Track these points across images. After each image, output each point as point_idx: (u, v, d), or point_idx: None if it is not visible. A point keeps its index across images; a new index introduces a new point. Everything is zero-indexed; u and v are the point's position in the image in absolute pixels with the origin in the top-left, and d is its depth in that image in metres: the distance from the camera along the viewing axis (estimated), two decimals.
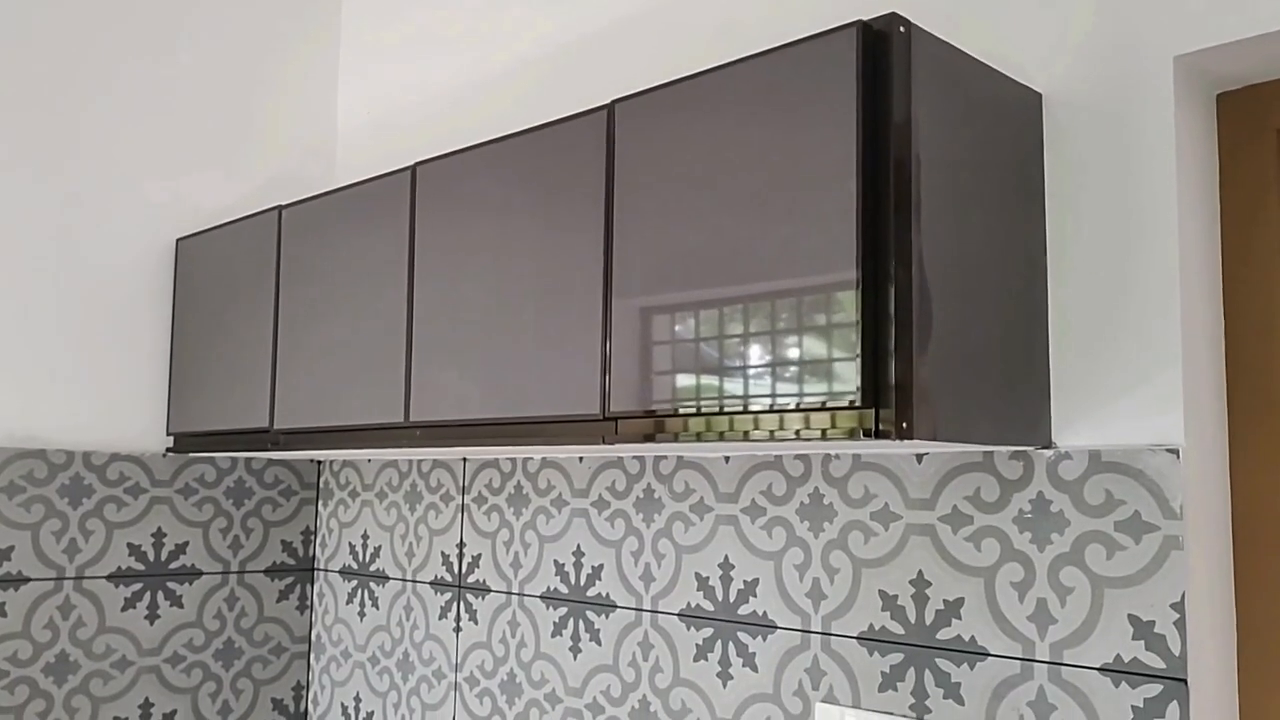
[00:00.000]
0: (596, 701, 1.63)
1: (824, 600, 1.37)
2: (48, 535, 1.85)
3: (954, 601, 1.25)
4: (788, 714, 1.40)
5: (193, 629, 2.01)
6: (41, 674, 1.83)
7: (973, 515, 1.25)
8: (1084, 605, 1.15)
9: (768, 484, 1.45)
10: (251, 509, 2.10)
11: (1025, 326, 1.19)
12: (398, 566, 2.01)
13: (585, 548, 1.68)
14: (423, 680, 1.93)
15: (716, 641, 1.49)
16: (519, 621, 1.77)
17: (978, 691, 1.22)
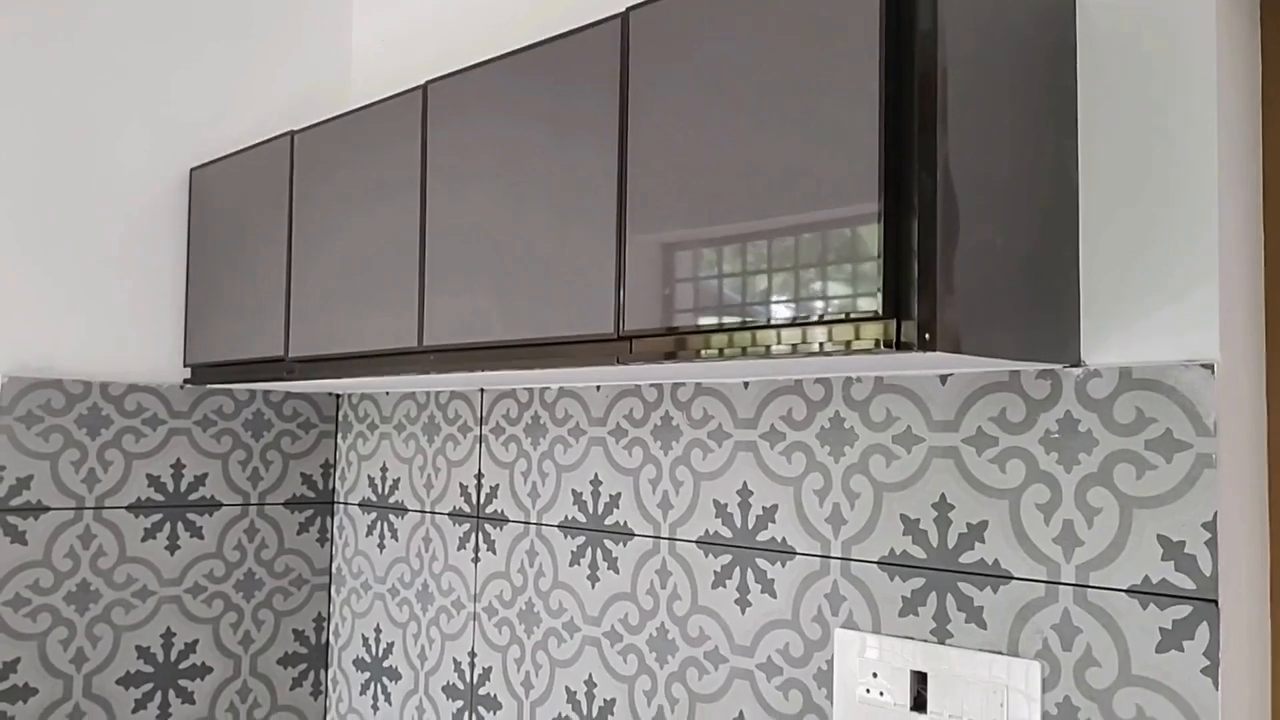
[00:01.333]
0: (615, 629, 1.62)
1: (844, 525, 1.35)
2: (66, 465, 1.85)
3: (977, 525, 1.22)
4: (806, 640, 1.38)
5: (213, 560, 2.02)
6: (63, 602, 1.84)
7: (998, 436, 1.21)
8: (1112, 526, 1.12)
9: (787, 409, 1.42)
10: (270, 442, 2.09)
11: (1055, 240, 1.14)
12: (416, 498, 2.00)
13: (603, 476, 1.66)
14: (442, 610, 1.93)
15: (735, 568, 1.47)
16: (537, 551, 1.76)
17: (1000, 615, 1.20)
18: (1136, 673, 1.09)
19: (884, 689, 1.29)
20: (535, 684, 1.74)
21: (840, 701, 1.33)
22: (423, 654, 1.96)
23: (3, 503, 1.79)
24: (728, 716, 1.46)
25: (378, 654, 2.05)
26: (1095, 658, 1.12)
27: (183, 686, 1.97)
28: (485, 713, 1.82)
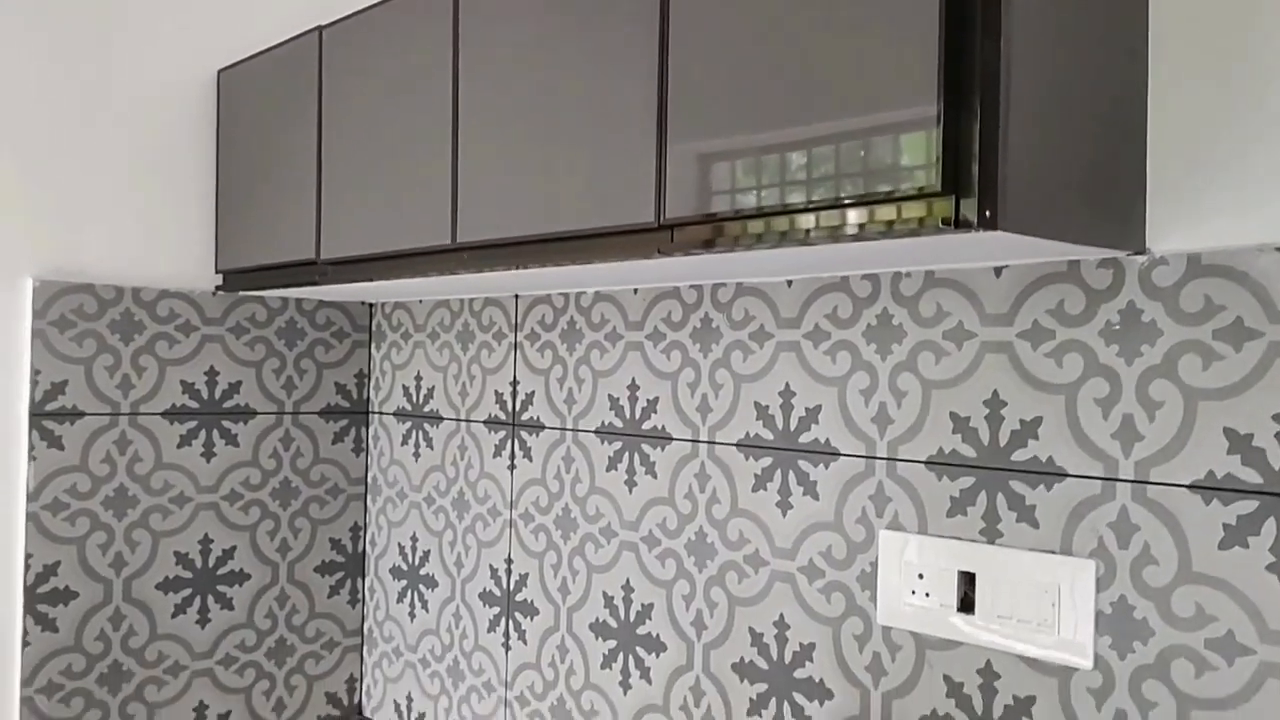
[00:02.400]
0: (652, 534, 1.60)
1: (890, 425, 1.31)
2: (100, 370, 1.84)
3: (1031, 421, 1.18)
4: (850, 542, 1.35)
5: (249, 468, 2.01)
6: (101, 507, 1.85)
7: (1054, 329, 1.16)
8: (1174, 420, 1.07)
9: (832, 307, 1.37)
10: (304, 350, 2.07)
11: (1121, 118, 1.08)
12: (451, 407, 1.98)
13: (640, 381, 1.62)
14: (478, 518, 1.91)
15: (776, 471, 1.43)
16: (573, 457, 1.73)
17: (1054, 514, 1.16)
18: (1197, 570, 1.05)
19: (930, 590, 1.26)
20: (572, 589, 1.73)
21: (884, 603, 1.30)
22: (459, 561, 1.95)
23: (38, 408, 1.78)
24: (768, 620, 1.44)
25: (414, 562, 2.05)
26: (1153, 556, 1.08)
27: (221, 592, 1.98)
28: (522, 618, 1.82)
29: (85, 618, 1.83)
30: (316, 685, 2.11)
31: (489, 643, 1.88)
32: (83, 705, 1.83)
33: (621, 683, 1.64)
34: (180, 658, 1.93)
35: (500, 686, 1.86)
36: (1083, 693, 1.13)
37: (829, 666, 1.37)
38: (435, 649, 2.00)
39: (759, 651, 1.45)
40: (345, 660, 2.15)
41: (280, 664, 2.06)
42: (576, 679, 1.71)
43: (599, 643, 1.68)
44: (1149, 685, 1.08)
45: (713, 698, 1.51)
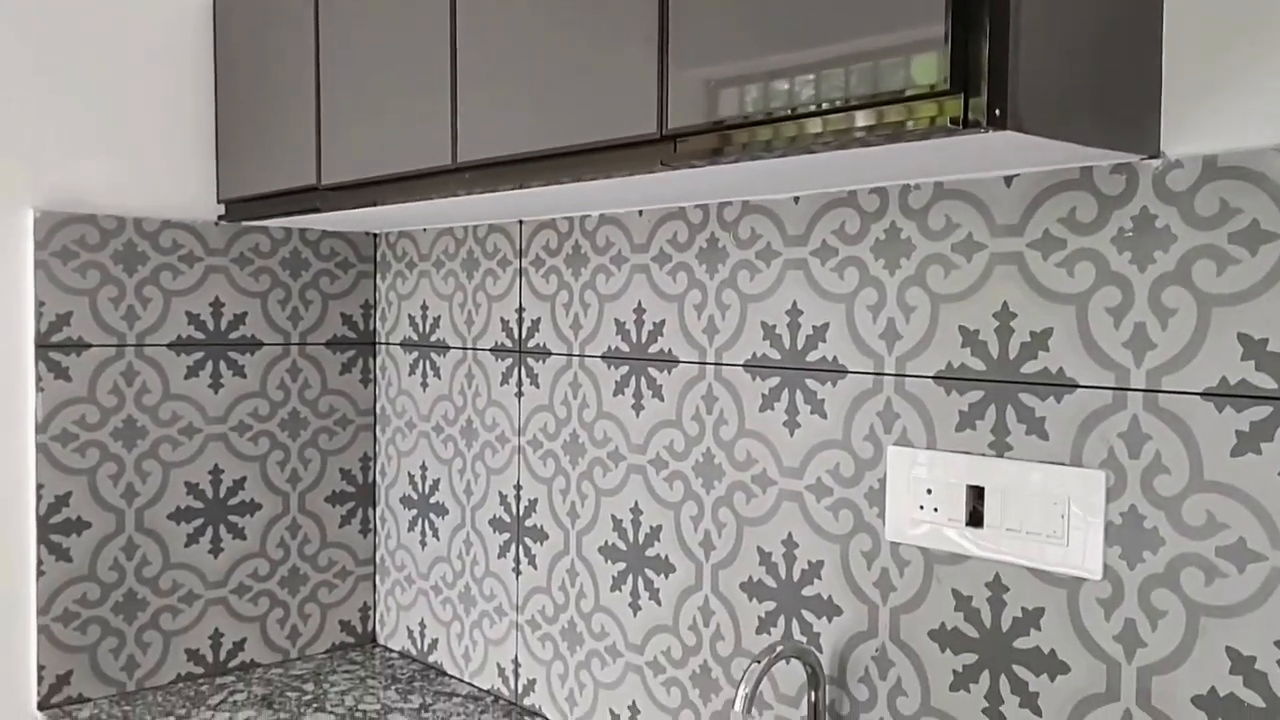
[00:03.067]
0: (660, 457, 1.59)
1: (899, 341, 1.29)
2: (105, 302, 1.83)
3: (1041, 333, 1.16)
4: (858, 459, 1.34)
5: (257, 399, 2.01)
6: (110, 438, 1.85)
7: (1066, 238, 1.14)
8: (1188, 327, 1.05)
9: (840, 222, 1.35)
10: (309, 281, 2.06)
11: (1135, 19, 1.05)
12: (458, 335, 1.97)
13: (646, 304, 1.61)
14: (486, 446, 1.91)
15: (783, 390, 1.42)
16: (580, 383, 1.72)
17: (1064, 425, 1.15)
18: (1209, 478, 1.04)
19: (938, 505, 1.25)
20: (581, 514, 1.73)
21: (892, 520, 1.30)
22: (468, 489, 1.96)
23: (44, 339, 1.78)
24: (776, 539, 1.44)
25: (424, 491, 2.06)
26: (1164, 464, 1.07)
27: (233, 522, 1.99)
28: (532, 544, 1.82)
29: (98, 547, 1.84)
30: (330, 613, 2.13)
31: (499, 568, 1.89)
32: (99, 633, 1.85)
33: (631, 604, 1.65)
34: (194, 586, 1.95)
35: (511, 611, 1.87)
36: (1092, 603, 1.12)
37: (837, 583, 1.37)
38: (447, 576, 2.01)
39: (767, 570, 1.45)
40: (358, 589, 2.17)
41: (293, 593, 2.07)
42: (587, 602, 1.72)
43: (608, 565, 1.69)
44: (1158, 594, 1.08)
45: (721, 617, 1.51)
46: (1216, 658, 1.04)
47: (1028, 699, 1.18)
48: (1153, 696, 1.08)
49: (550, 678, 1.79)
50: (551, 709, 1.79)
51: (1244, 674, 1.02)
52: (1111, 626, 1.11)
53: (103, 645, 1.85)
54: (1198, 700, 1.05)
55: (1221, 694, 1.03)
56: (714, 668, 1.53)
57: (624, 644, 1.66)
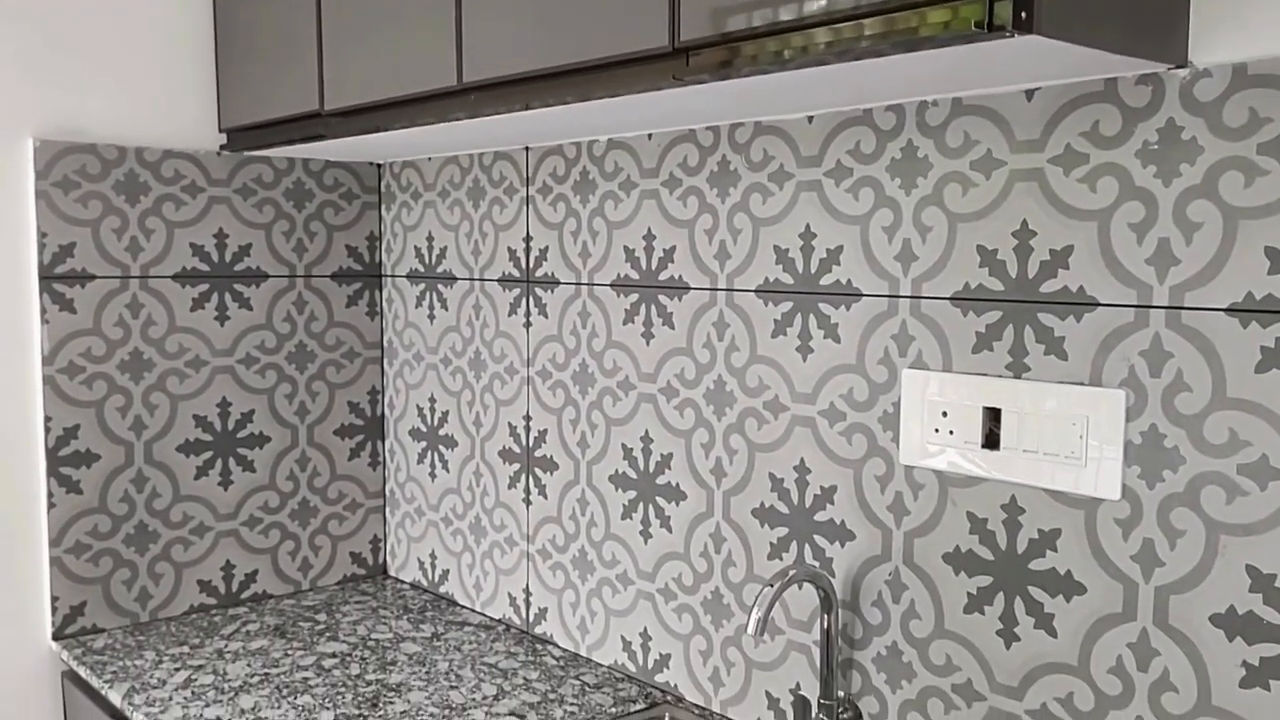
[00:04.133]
0: (671, 385, 1.58)
1: (914, 262, 1.27)
2: (108, 233, 1.81)
3: (1061, 251, 1.14)
4: (872, 384, 1.32)
5: (263, 331, 2.00)
6: (117, 370, 1.84)
7: (1088, 153, 1.11)
8: (1213, 241, 1.03)
9: (855, 141, 1.32)
10: (313, 212, 2.04)
11: None
12: (464, 266, 1.95)
13: (656, 230, 1.58)
14: (495, 377, 1.90)
15: (796, 315, 1.40)
16: (589, 312, 1.70)
17: (1083, 344, 1.13)
18: (1232, 395, 1.02)
19: (954, 428, 1.24)
20: (591, 443, 1.72)
21: (907, 443, 1.29)
22: (478, 420, 1.95)
23: (47, 270, 1.76)
24: (788, 465, 1.43)
25: (433, 423, 2.05)
26: (1186, 382, 1.05)
27: (242, 455, 1.99)
28: (542, 474, 1.82)
29: (108, 480, 1.84)
30: (341, 545, 2.13)
31: (510, 499, 1.89)
32: (111, 565, 1.85)
33: (642, 532, 1.64)
34: (205, 519, 1.95)
35: (522, 541, 1.87)
36: (1109, 524, 1.11)
37: (850, 508, 1.36)
38: (457, 507, 2.01)
39: (779, 496, 1.44)
40: (368, 521, 2.17)
41: (304, 525, 2.08)
42: (597, 530, 1.72)
43: (619, 494, 1.68)
44: (1178, 513, 1.06)
45: (733, 543, 1.51)
46: (1236, 576, 1.03)
47: (1042, 620, 1.17)
48: (1170, 616, 1.07)
49: (562, 606, 1.80)
50: (563, 637, 1.80)
51: (1264, 591, 1.01)
52: (1129, 547, 1.10)
53: (115, 577, 1.86)
54: (1216, 619, 1.04)
55: (1240, 612, 1.03)
56: (726, 594, 1.53)
57: (635, 572, 1.66)
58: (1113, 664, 1.12)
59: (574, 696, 1.60)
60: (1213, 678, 1.05)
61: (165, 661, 1.72)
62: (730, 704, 1.53)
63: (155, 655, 1.74)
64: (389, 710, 1.54)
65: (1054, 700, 1.17)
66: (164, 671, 1.68)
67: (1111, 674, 1.12)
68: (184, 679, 1.65)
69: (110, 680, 1.64)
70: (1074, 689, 1.15)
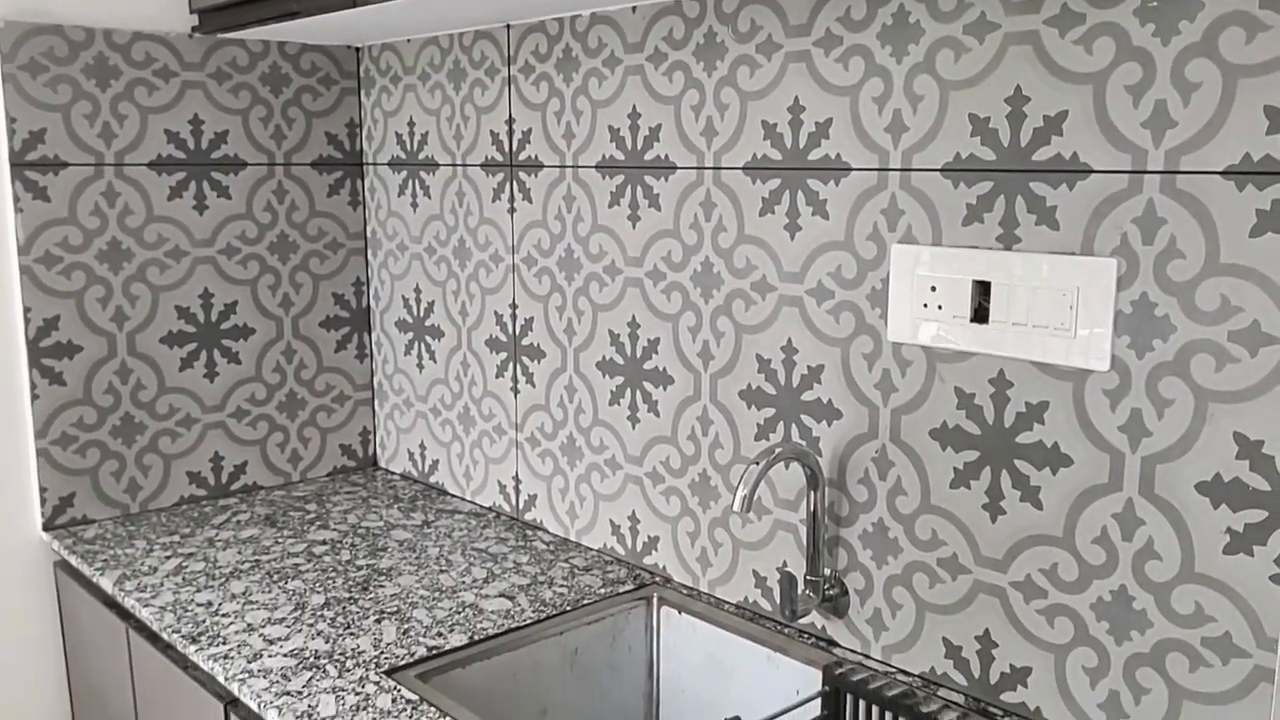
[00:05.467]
0: (657, 269, 1.56)
1: (905, 133, 1.24)
2: (79, 118, 1.76)
3: (1055, 116, 1.10)
4: (860, 260, 1.30)
5: (243, 221, 1.96)
6: (95, 260, 1.81)
7: (1085, 13, 1.07)
8: (1211, 102, 0.99)
9: (845, 8, 1.28)
10: (290, 98, 1.98)
11: None
12: (446, 152, 1.90)
13: (641, 109, 1.54)
14: (480, 265, 1.87)
15: (784, 193, 1.37)
16: (574, 195, 1.67)
17: (1075, 213, 1.10)
18: (1225, 261, 1.00)
19: (943, 303, 1.22)
20: (578, 330, 1.70)
21: (895, 320, 1.27)
22: (464, 310, 1.93)
23: (18, 157, 1.72)
24: (775, 345, 1.41)
25: (419, 314, 2.03)
26: (1179, 249, 1.03)
27: (227, 346, 1.97)
28: (529, 362, 1.81)
29: (91, 371, 1.82)
30: (330, 437, 2.13)
31: (498, 388, 1.88)
32: (99, 456, 1.85)
33: (630, 417, 1.64)
34: (191, 411, 1.94)
35: (511, 429, 1.87)
36: (1098, 395, 1.10)
37: (837, 387, 1.35)
38: (445, 398, 2.00)
39: (766, 377, 1.43)
40: (357, 413, 2.16)
41: (292, 417, 2.07)
42: (585, 417, 1.71)
43: (606, 380, 1.67)
44: (1166, 382, 1.05)
45: (720, 426, 1.50)
46: (1223, 443, 1.02)
47: (1029, 493, 1.17)
48: (1155, 485, 1.07)
49: (551, 492, 1.80)
50: (553, 522, 1.81)
51: (1250, 458, 1.00)
52: (1117, 417, 1.09)
53: (103, 468, 1.85)
54: (1201, 486, 1.04)
55: (1226, 479, 1.02)
56: (713, 476, 1.52)
57: (623, 456, 1.66)
58: (1097, 534, 1.12)
59: (563, 579, 1.61)
60: (1196, 545, 1.05)
61: (156, 550, 1.72)
62: (718, 583, 1.54)
63: (146, 544, 1.75)
64: (379, 593, 1.55)
65: (1038, 571, 1.17)
66: (155, 559, 1.68)
67: (1096, 544, 1.12)
68: (175, 566, 1.65)
69: (101, 568, 1.65)
70: (1058, 560, 1.15)
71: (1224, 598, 1.03)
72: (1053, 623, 1.17)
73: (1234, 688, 1.03)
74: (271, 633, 1.42)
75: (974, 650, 1.25)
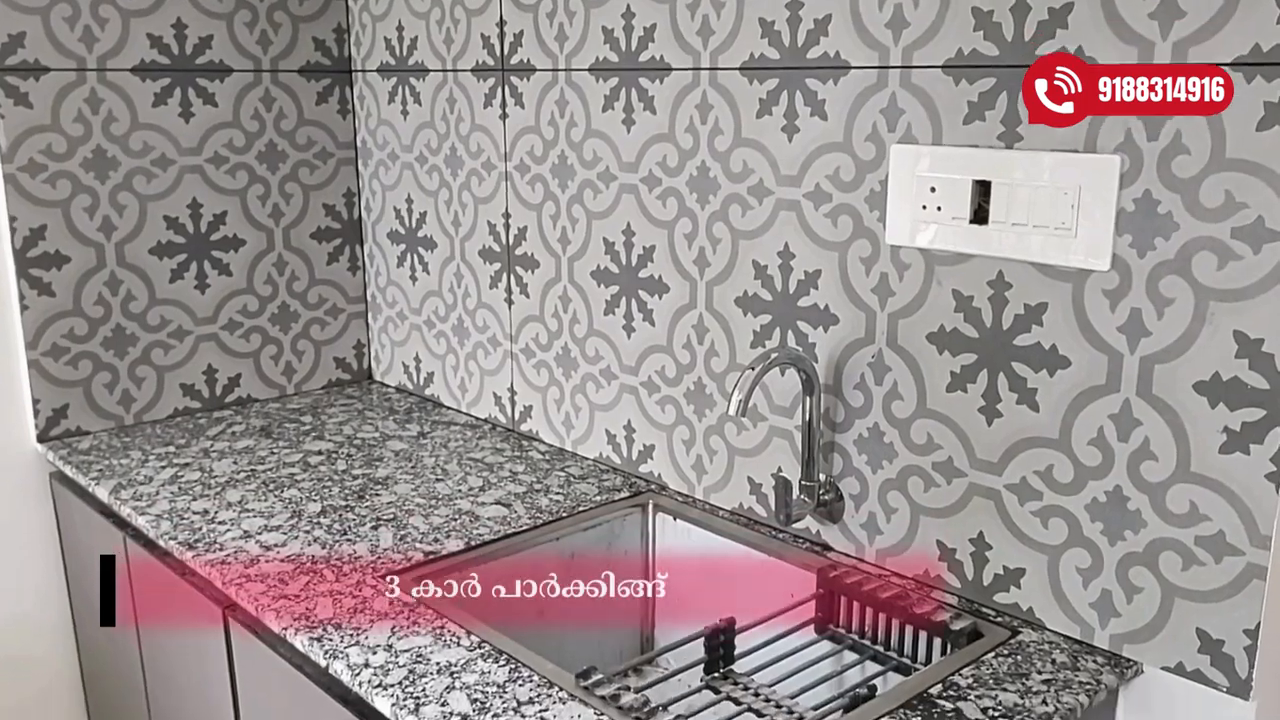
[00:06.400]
0: (653, 174, 1.53)
1: (906, 29, 1.20)
2: (59, 22, 1.71)
3: (1060, 9, 1.07)
4: (859, 161, 1.28)
5: (231, 129, 1.92)
6: (81, 169, 1.77)
7: None
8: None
9: None
10: (276, 1, 1.93)
11: None
12: (437, 57, 1.86)
13: (635, 7, 1.50)
14: (472, 174, 1.84)
15: (782, 93, 1.34)
16: (567, 100, 1.64)
17: None
18: (1231, 155, 0.98)
19: (942, 204, 1.20)
20: (572, 239, 1.68)
21: (893, 222, 1.25)
22: (456, 220, 1.90)
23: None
24: (772, 251, 1.39)
25: (411, 225, 2.00)
26: (1184, 144, 1.01)
27: (217, 258, 1.95)
28: (523, 272, 1.79)
29: (81, 281, 1.80)
30: (324, 350, 2.12)
31: (492, 299, 1.87)
32: (91, 368, 1.84)
33: (625, 327, 1.63)
34: (183, 322, 1.93)
35: (505, 341, 1.86)
36: (1097, 295, 1.09)
37: (834, 292, 1.33)
38: (439, 310, 1.99)
39: (762, 284, 1.42)
40: (350, 326, 2.15)
41: (285, 330, 2.06)
42: (580, 327, 1.70)
43: (601, 290, 1.65)
44: (1167, 281, 1.04)
45: (716, 334, 1.49)
46: (1222, 342, 1.01)
47: (1025, 395, 1.17)
48: (1154, 385, 1.07)
49: (546, 403, 1.80)
50: (549, 433, 1.81)
51: (1250, 357, 1.00)
52: (1116, 318, 1.08)
53: (96, 380, 1.85)
54: (1199, 386, 1.03)
55: (1225, 378, 1.01)
56: (708, 384, 1.52)
57: (618, 366, 1.65)
58: (1094, 435, 1.12)
59: (559, 487, 1.61)
60: (1193, 445, 1.05)
61: (151, 460, 1.72)
62: (713, 491, 1.54)
63: (141, 455, 1.75)
64: (376, 501, 1.56)
65: (1033, 474, 1.17)
66: (150, 469, 1.68)
67: (1092, 445, 1.12)
68: (170, 476, 1.65)
69: (97, 478, 1.65)
70: (1054, 462, 1.15)
71: (1219, 496, 1.03)
72: (1047, 524, 1.17)
73: (1226, 585, 1.04)
74: (268, 539, 1.43)
75: (968, 553, 1.25)
